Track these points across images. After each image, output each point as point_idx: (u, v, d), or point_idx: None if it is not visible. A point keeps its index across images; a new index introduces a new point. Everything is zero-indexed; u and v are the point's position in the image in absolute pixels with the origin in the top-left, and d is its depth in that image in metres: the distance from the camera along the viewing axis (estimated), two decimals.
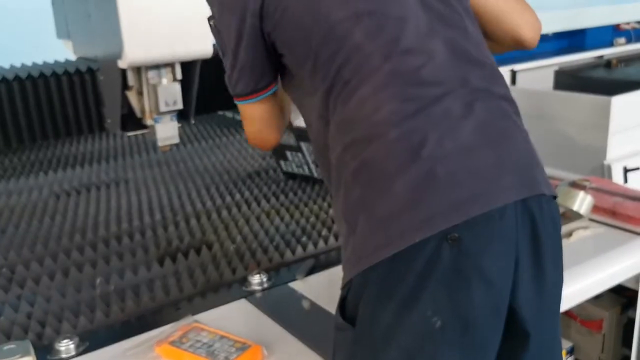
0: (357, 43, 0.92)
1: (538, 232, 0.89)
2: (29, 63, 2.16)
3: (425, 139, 0.86)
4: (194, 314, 1.16)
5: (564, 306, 1.06)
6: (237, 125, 2.59)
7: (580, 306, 1.45)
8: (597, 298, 1.48)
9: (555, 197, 0.94)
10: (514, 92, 1.15)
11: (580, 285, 1.25)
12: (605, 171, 2.78)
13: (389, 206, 0.86)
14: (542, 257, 0.90)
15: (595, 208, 1.47)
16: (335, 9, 0.94)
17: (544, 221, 0.90)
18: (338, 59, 0.93)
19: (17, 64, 2.16)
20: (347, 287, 0.91)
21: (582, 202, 1.42)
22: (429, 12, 0.96)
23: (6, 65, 2.10)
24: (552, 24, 4.87)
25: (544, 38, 4.99)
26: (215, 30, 1.07)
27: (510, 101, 0.97)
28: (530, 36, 1.11)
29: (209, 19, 1.07)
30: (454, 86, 0.90)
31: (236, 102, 1.10)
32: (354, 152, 0.90)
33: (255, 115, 1.11)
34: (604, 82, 3.05)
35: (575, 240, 1.39)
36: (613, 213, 1.49)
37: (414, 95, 0.89)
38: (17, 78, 1.82)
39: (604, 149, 2.82)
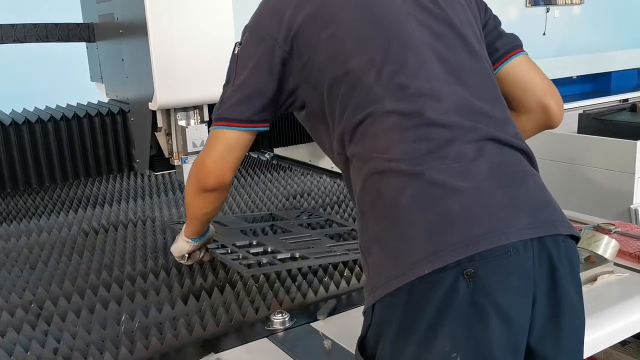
0: (369, 87, 0.97)
1: (556, 272, 0.90)
2: (63, 104, 2.24)
3: (439, 178, 0.88)
4: (216, 352, 1.18)
5: (589, 352, 1.04)
6: (262, 166, 2.63)
7: (606, 352, 1.43)
8: (624, 344, 1.45)
9: (573, 237, 0.95)
10: (539, 135, 1.17)
11: (605, 331, 1.23)
12: (632, 215, 2.74)
13: (401, 239, 0.88)
14: (560, 297, 0.90)
15: (621, 252, 1.46)
16: (353, 54, 0.99)
17: (562, 260, 0.90)
18: (352, 100, 0.98)
19: (52, 106, 2.24)
20: (366, 326, 0.92)
21: (607, 246, 1.41)
22: (445, 63, 1.00)
23: (41, 107, 2.18)
24: (577, 67, 4.89)
25: (569, 81, 5.02)
26: (235, 56, 1.12)
27: (520, 149, 0.99)
28: (556, 107, 1.15)
29: (236, 45, 1.13)
30: (464, 131, 0.93)
31: (219, 126, 1.12)
32: (371, 183, 0.94)
33: (232, 144, 1.14)
34: (629, 125, 3.04)
35: (600, 285, 1.37)
36: (639, 258, 1.47)
37: (425, 135, 0.92)
38: (52, 119, 1.89)
39: (631, 193, 2.79)
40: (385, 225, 0.90)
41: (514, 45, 1.16)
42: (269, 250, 1.51)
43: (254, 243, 1.56)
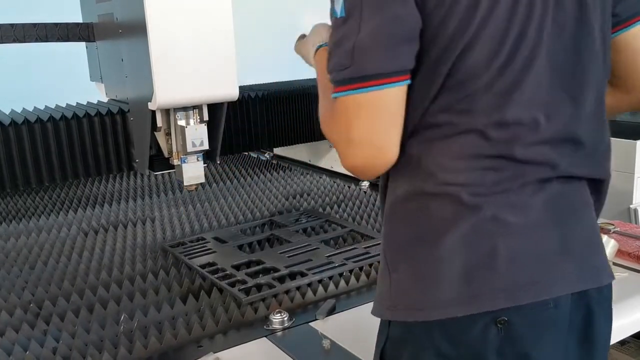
0: (472, 93, 0.80)
1: (592, 317, 0.85)
2: (62, 104, 2.24)
3: (495, 212, 0.80)
4: (215, 351, 1.17)
5: None
6: (262, 166, 2.63)
7: None
8: (623, 344, 1.45)
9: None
10: None
11: None
12: (631, 215, 2.75)
13: (435, 268, 0.80)
14: (594, 340, 0.87)
15: (620, 252, 1.46)
16: (479, 40, 0.78)
17: (601, 306, 0.86)
18: (444, 95, 0.81)
19: (52, 106, 2.23)
20: (384, 338, 0.88)
21: (605, 246, 1.41)
22: (558, 74, 0.83)
23: (41, 107, 2.18)
24: None
25: None
26: None
27: (594, 181, 0.89)
28: None
29: None
30: (542, 168, 0.83)
31: (352, 90, 0.78)
32: (421, 198, 0.83)
33: (384, 106, 0.79)
34: (629, 125, 3.04)
35: None
36: (638, 258, 1.47)
37: (498, 166, 0.81)
38: (51, 119, 1.88)
39: (631, 193, 2.79)
40: (421, 246, 0.82)
41: (638, 10, 0.93)
42: (268, 267, 1.51)
43: (253, 260, 1.57)
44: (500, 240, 0.79)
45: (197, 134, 1.70)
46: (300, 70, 2.59)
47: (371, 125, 0.79)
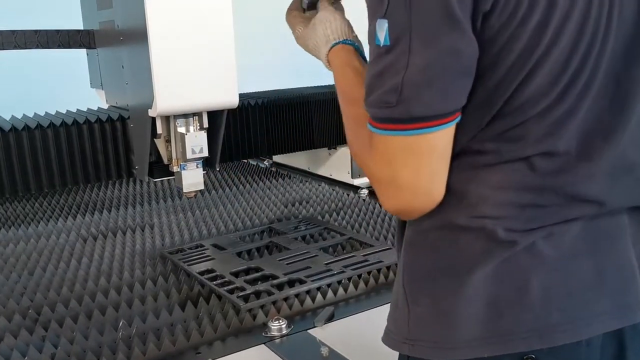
0: (525, 120, 0.72)
1: (624, 356, 0.82)
2: (63, 111, 2.25)
3: (529, 245, 0.74)
4: (213, 358, 1.18)
5: None
6: (261, 173, 2.63)
7: None
8: None
9: None
10: None
11: None
12: None
13: (465, 305, 0.76)
14: None
15: None
16: (542, 64, 0.70)
17: (633, 343, 0.82)
18: (498, 123, 0.74)
19: (52, 112, 2.24)
20: None
21: None
22: (612, 95, 0.74)
23: (41, 113, 2.18)
24: None
25: None
26: (400, 2, 0.68)
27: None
28: None
29: None
30: (586, 206, 0.76)
31: (397, 131, 0.71)
32: (451, 230, 0.77)
33: (432, 148, 0.73)
34: None
35: None
36: None
37: (540, 201, 0.74)
38: (51, 125, 1.89)
39: None
40: (447, 280, 0.77)
41: None
42: (267, 274, 1.52)
43: (252, 267, 1.57)
44: (534, 274, 0.74)
45: (196, 141, 1.70)
46: (300, 78, 2.61)
47: (417, 169, 0.73)
